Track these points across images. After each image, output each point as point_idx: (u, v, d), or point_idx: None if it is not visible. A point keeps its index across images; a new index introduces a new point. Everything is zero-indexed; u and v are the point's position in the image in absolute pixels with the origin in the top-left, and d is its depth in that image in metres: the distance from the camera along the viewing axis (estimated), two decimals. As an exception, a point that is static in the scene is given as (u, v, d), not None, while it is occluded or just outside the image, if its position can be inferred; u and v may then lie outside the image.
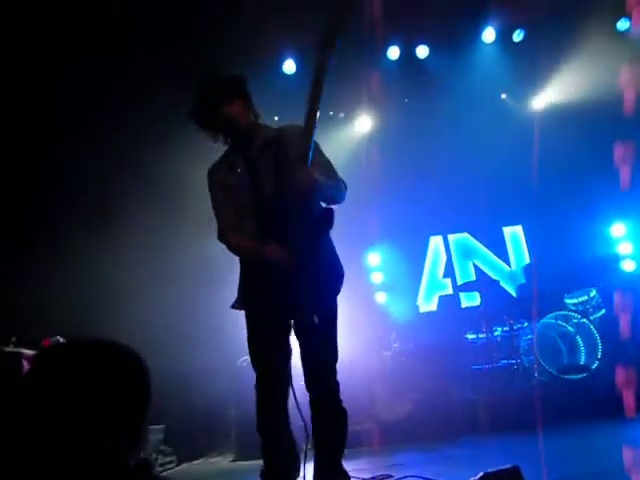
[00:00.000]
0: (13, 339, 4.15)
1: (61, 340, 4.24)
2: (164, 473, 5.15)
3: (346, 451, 3.09)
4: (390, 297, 7.61)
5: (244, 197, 2.86)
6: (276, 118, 7.14)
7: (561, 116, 7.73)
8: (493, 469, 3.02)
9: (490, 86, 7.59)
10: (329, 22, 2.56)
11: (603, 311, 6.67)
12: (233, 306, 2.91)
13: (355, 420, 5.67)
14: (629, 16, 7.01)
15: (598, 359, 6.16)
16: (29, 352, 4.07)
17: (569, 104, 7.70)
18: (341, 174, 3.02)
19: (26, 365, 3.91)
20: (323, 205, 2.88)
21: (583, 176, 7.29)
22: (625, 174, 6.30)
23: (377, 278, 7.74)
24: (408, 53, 7.32)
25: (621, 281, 7.01)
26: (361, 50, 6.89)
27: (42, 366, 1.31)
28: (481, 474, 2.98)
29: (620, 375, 4.76)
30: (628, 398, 4.74)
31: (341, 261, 2.91)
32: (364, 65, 6.96)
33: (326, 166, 2.97)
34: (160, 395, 1.44)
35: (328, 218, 2.76)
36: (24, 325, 4.80)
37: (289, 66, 7.19)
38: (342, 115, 7.74)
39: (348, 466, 4.85)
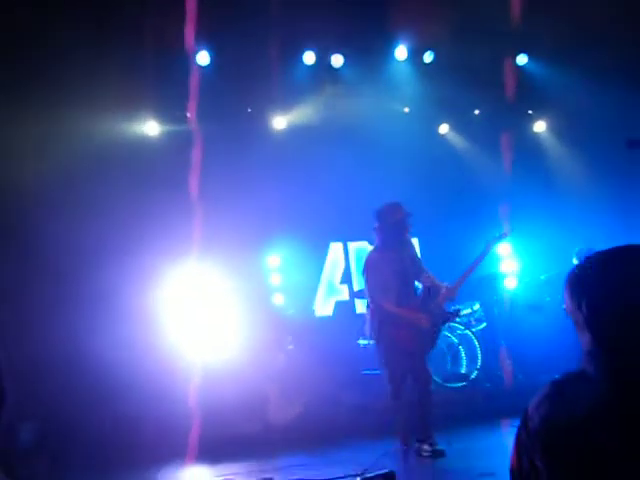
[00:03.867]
0: None
1: None
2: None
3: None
4: (287, 299, 7.64)
5: (394, 278, 4.78)
6: (188, 114, 7.04)
7: (461, 137, 8.19)
8: (371, 474, 3.13)
9: (397, 101, 7.85)
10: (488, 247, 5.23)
11: (484, 324, 7.11)
12: (370, 338, 5.06)
13: (243, 422, 5.64)
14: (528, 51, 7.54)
15: (477, 369, 6.55)
16: None
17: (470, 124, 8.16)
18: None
19: None
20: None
21: (474, 195, 7.75)
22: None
23: (276, 280, 7.75)
24: (323, 60, 7.40)
25: (502, 297, 7.52)
26: (277, 51, 6.90)
27: None
28: (359, 478, 3.08)
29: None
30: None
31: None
32: (280, 66, 6.97)
33: (421, 262, 5.04)
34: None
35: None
36: None
37: (203, 57, 7.03)
38: (250, 110, 7.64)
39: (233, 468, 4.83)
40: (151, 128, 7.26)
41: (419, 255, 5.18)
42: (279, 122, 7.71)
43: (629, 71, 6.96)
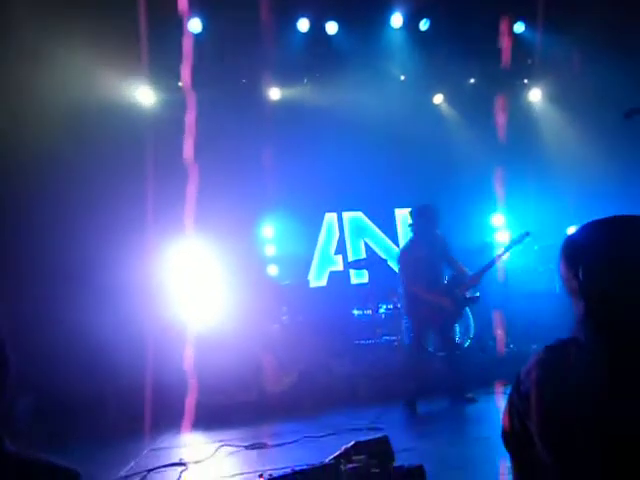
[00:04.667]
0: None
1: None
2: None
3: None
4: (282, 270, 7.66)
5: (423, 266, 5.47)
6: (180, 84, 6.92)
7: (455, 107, 8.14)
8: (365, 438, 3.20)
9: (393, 69, 7.76)
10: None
11: (477, 294, 7.15)
12: (403, 311, 5.83)
13: (240, 390, 5.73)
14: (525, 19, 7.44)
15: (470, 338, 6.62)
16: None
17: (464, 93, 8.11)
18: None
19: None
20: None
21: (468, 164, 7.73)
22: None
23: (270, 250, 7.76)
24: (318, 27, 7.28)
25: (495, 267, 7.56)
26: (271, 18, 6.77)
27: None
28: (353, 442, 3.14)
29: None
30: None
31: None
32: (274, 33, 6.84)
33: (451, 253, 5.73)
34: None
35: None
36: None
37: (195, 25, 6.89)
38: (244, 81, 7.54)
39: (229, 434, 4.91)
40: (145, 95, 7.17)
41: (449, 246, 5.78)
42: (274, 93, 7.62)
43: (625, 39, 6.88)
